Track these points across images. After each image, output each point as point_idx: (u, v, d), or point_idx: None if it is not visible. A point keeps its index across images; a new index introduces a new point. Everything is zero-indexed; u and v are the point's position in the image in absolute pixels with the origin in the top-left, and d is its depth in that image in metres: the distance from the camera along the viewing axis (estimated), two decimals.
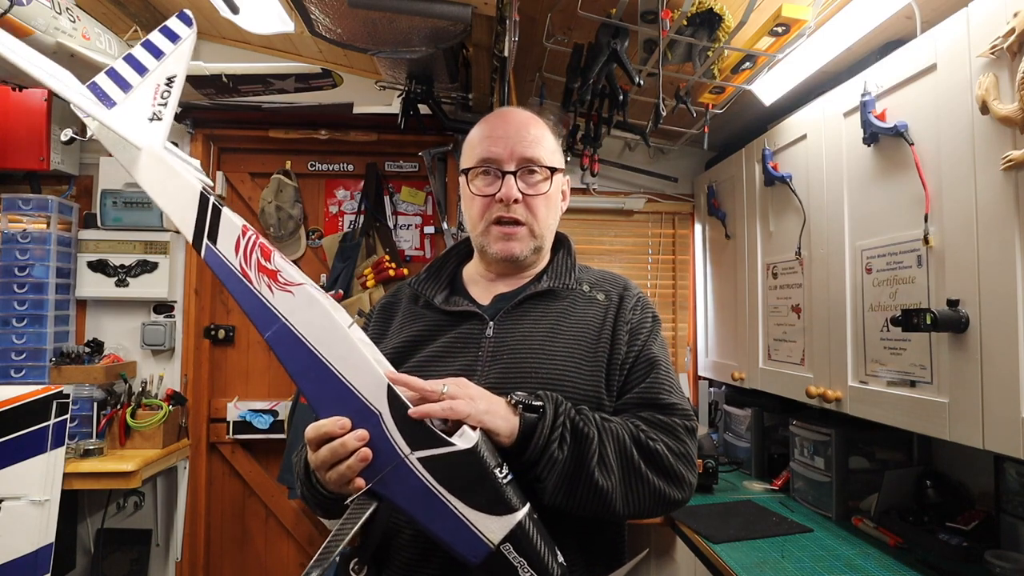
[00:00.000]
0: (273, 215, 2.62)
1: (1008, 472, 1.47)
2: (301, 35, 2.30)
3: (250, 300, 0.81)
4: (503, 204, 0.95)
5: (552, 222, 1.01)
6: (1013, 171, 1.10)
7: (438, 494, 0.72)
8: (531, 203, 0.96)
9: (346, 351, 0.77)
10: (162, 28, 1.00)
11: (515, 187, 0.94)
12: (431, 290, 1.02)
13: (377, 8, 1.55)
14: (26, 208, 2.36)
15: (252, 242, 0.82)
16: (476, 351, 0.92)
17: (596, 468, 0.80)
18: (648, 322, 1.00)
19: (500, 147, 0.95)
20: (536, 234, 0.98)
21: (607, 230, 2.81)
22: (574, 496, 0.80)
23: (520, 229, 0.96)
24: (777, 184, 1.96)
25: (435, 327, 0.97)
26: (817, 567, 1.46)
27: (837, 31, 1.58)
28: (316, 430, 0.76)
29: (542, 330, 0.94)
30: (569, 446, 0.79)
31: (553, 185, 0.98)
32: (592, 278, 1.04)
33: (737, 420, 2.41)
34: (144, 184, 0.88)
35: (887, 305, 1.44)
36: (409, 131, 2.38)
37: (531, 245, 0.97)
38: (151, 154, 0.88)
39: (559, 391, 0.86)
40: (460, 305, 0.98)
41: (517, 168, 0.95)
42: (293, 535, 2.69)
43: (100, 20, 1.88)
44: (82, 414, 2.30)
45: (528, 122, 0.99)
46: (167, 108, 0.95)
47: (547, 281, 0.99)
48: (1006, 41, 1.09)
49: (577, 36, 1.90)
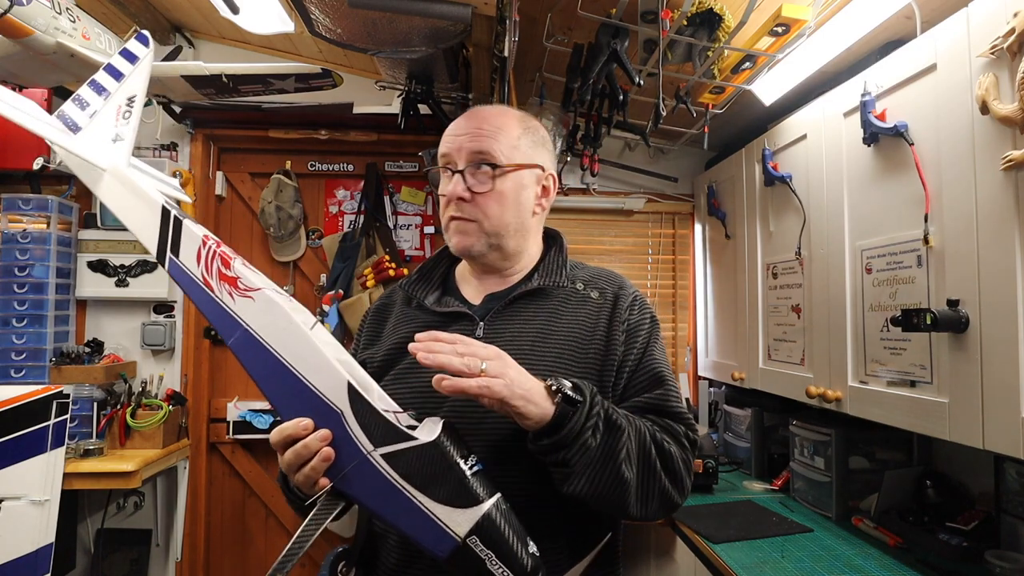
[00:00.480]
0: (273, 215, 2.62)
1: (1008, 472, 1.47)
2: (301, 35, 2.30)
3: (212, 308, 0.82)
4: (454, 203, 0.94)
5: (511, 219, 0.96)
6: (1013, 171, 1.10)
7: (402, 489, 0.72)
8: (479, 201, 0.94)
9: (307, 352, 0.77)
10: (122, 51, 1.03)
11: (460, 185, 0.93)
12: (422, 291, 1.02)
13: (377, 8, 1.55)
14: (26, 208, 2.36)
15: (212, 251, 0.83)
16: None
17: (623, 461, 0.80)
18: (646, 323, 0.98)
19: (453, 144, 0.95)
20: (487, 231, 0.94)
21: (607, 230, 2.81)
22: (597, 485, 0.79)
23: (470, 225, 0.94)
24: (777, 184, 1.96)
25: (426, 328, 0.95)
26: (817, 567, 1.46)
27: (837, 31, 1.58)
28: (280, 433, 0.75)
29: (532, 330, 0.93)
30: (602, 435, 0.79)
31: (505, 183, 0.94)
32: (586, 275, 1.03)
33: (737, 420, 2.41)
34: (108, 203, 0.90)
35: (887, 305, 1.44)
36: (409, 131, 2.38)
37: (485, 242, 0.95)
38: (114, 174, 0.90)
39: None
40: (451, 306, 0.98)
41: (467, 165, 0.93)
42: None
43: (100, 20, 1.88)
44: (82, 414, 2.30)
45: (489, 117, 0.96)
46: (129, 128, 0.97)
47: (538, 279, 0.98)
48: (1006, 41, 1.09)
49: (577, 36, 1.90)
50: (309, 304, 2.73)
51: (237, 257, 0.84)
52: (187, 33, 2.63)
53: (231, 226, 2.78)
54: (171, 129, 2.61)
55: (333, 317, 2.54)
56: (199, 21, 2.54)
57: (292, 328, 0.78)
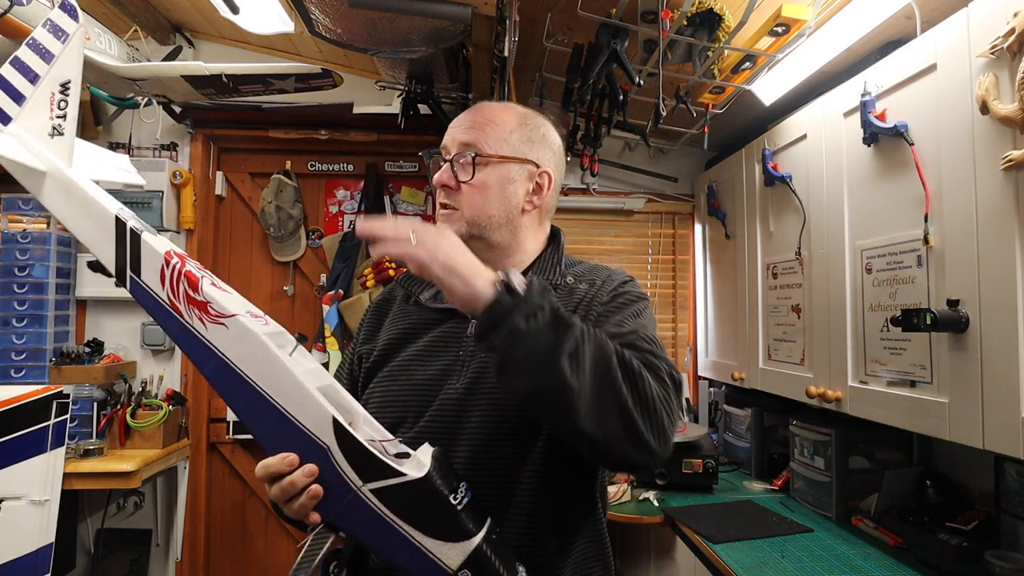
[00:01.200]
0: (273, 215, 2.62)
1: (1008, 472, 1.47)
2: (301, 35, 2.30)
3: (183, 336, 0.75)
4: (441, 191, 0.96)
5: (495, 212, 0.94)
6: (1013, 171, 1.10)
7: (394, 524, 0.71)
8: (462, 190, 0.94)
9: (288, 386, 0.73)
10: (44, 23, 0.86)
11: (446, 172, 0.95)
12: (417, 287, 1.02)
13: (377, 8, 1.55)
14: (26, 208, 2.36)
15: (177, 271, 0.76)
16: (456, 350, 0.91)
17: (567, 359, 0.70)
18: (621, 300, 0.93)
19: (448, 135, 0.97)
20: (467, 219, 0.94)
21: (607, 230, 2.81)
22: (532, 380, 0.71)
23: (453, 213, 0.95)
24: (777, 184, 1.96)
25: (420, 325, 0.97)
26: (817, 567, 1.46)
27: (837, 31, 1.58)
28: (264, 469, 0.74)
29: None
30: (541, 324, 0.70)
31: (491, 173, 0.94)
32: (581, 271, 1.01)
33: (737, 420, 2.41)
34: (54, 211, 0.80)
35: (887, 305, 1.44)
36: (409, 131, 2.37)
37: (464, 230, 0.94)
38: (56, 177, 0.79)
39: None
40: (443, 303, 0.97)
41: (455, 154, 0.95)
42: (293, 535, 2.68)
43: (100, 20, 1.88)
44: (82, 414, 2.30)
45: (484, 110, 0.98)
46: (67, 120, 0.84)
47: (532, 276, 0.95)
48: (1006, 41, 1.09)
49: (577, 36, 1.89)
50: (309, 304, 2.74)
51: (206, 275, 0.77)
52: (187, 33, 2.63)
53: (231, 226, 2.78)
54: (171, 129, 2.61)
55: (333, 317, 2.54)
56: (199, 21, 2.54)
57: (271, 360, 0.73)
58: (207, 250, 2.70)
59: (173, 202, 2.55)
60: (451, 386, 0.88)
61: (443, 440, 0.85)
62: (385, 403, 0.92)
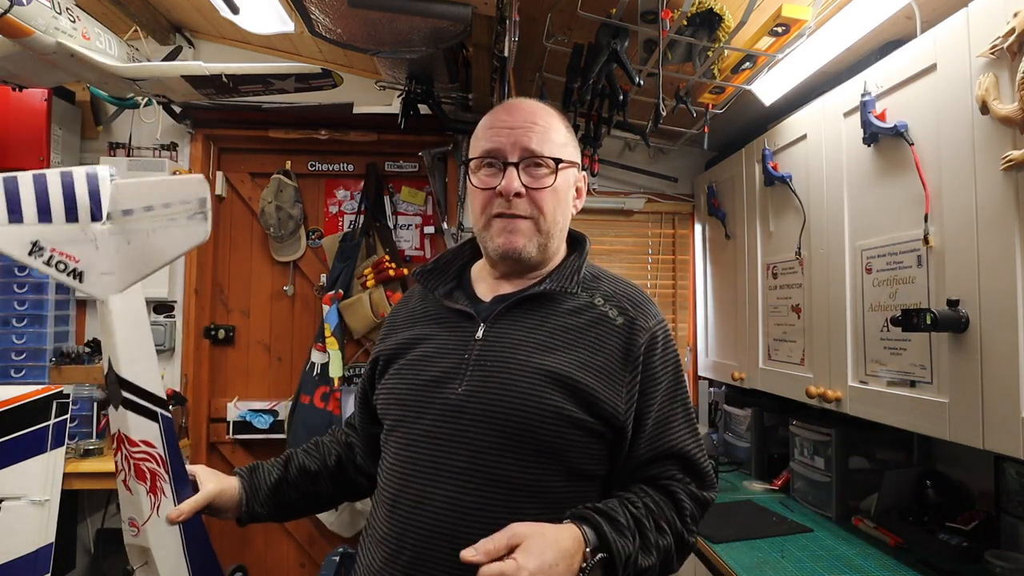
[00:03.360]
0: (273, 215, 2.62)
1: (1008, 472, 1.47)
2: (301, 35, 2.30)
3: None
4: (504, 198, 0.88)
5: (561, 219, 0.93)
6: (1013, 171, 1.10)
7: None
8: (536, 197, 0.89)
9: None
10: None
11: (516, 180, 0.88)
12: (434, 281, 1.00)
13: (377, 8, 1.55)
14: None
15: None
16: (463, 354, 0.89)
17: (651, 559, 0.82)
18: (669, 373, 0.92)
19: (504, 137, 0.90)
20: (542, 230, 0.90)
21: (607, 230, 2.81)
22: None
23: (523, 223, 0.89)
24: (777, 184, 1.96)
25: (433, 326, 0.96)
26: (817, 567, 1.46)
27: (837, 31, 1.58)
28: None
29: (532, 340, 0.88)
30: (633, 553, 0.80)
31: (560, 179, 0.91)
32: (609, 289, 0.95)
33: (737, 420, 2.41)
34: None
35: (887, 305, 1.44)
36: (409, 131, 2.37)
37: (536, 242, 0.90)
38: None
39: (533, 409, 0.83)
40: (458, 302, 0.95)
41: (520, 160, 0.89)
42: (293, 535, 2.69)
43: (100, 20, 1.88)
44: (82, 414, 2.30)
45: (536, 112, 0.93)
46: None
47: (548, 283, 0.92)
48: (1006, 41, 1.09)
49: (577, 36, 1.90)
50: (309, 304, 2.74)
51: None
52: (187, 33, 2.63)
53: (231, 226, 2.78)
54: (171, 129, 2.61)
55: (333, 317, 2.54)
56: (199, 21, 2.54)
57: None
58: (207, 250, 2.69)
59: None
60: (452, 390, 0.87)
61: (442, 444, 0.85)
62: (391, 401, 0.93)
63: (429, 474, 0.85)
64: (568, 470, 0.86)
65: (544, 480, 0.84)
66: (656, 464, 0.90)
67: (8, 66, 1.79)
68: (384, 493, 0.90)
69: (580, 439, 0.85)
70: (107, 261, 0.84)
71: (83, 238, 0.84)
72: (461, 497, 0.82)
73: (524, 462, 0.84)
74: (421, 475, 0.85)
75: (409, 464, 0.87)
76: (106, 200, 0.85)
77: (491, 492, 0.83)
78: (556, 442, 0.84)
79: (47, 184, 0.83)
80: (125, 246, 0.85)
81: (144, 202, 0.87)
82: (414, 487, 0.85)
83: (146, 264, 0.87)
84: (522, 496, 0.83)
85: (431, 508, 0.83)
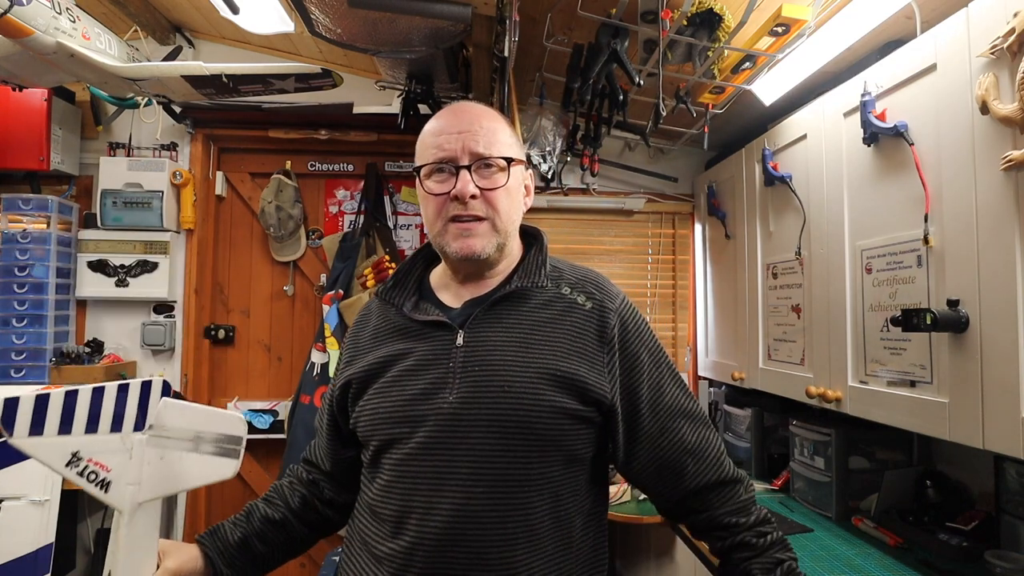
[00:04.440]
0: (273, 215, 2.62)
1: (1008, 472, 1.47)
2: (301, 35, 2.30)
3: None
4: (459, 202, 0.89)
5: (516, 216, 0.95)
6: (1013, 171, 1.10)
7: None
8: (490, 197, 0.90)
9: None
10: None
11: (471, 182, 0.89)
12: (399, 298, 0.98)
13: (377, 8, 1.55)
14: (26, 208, 2.36)
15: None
16: (447, 363, 0.89)
17: None
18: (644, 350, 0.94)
19: (453, 143, 0.90)
20: (499, 229, 0.92)
21: (607, 230, 2.81)
22: None
23: (480, 225, 0.90)
24: (777, 184, 1.96)
25: (406, 340, 0.94)
26: (817, 567, 1.46)
27: (837, 31, 1.58)
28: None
29: (516, 338, 0.90)
30: None
31: (512, 177, 0.93)
32: (573, 278, 0.98)
33: (737, 420, 2.41)
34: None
35: (887, 305, 1.44)
36: (409, 131, 2.36)
37: (495, 242, 0.92)
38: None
39: (531, 406, 0.85)
40: (429, 313, 0.94)
41: (471, 163, 0.90)
42: None
43: (100, 20, 1.88)
44: None
45: (480, 115, 0.94)
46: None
47: (518, 280, 0.94)
48: (1006, 41, 1.09)
49: (577, 36, 1.90)
50: (309, 304, 2.74)
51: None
52: (187, 33, 2.63)
53: (231, 226, 2.78)
54: (171, 129, 2.61)
55: (333, 317, 2.54)
56: (199, 21, 2.54)
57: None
58: (207, 250, 2.70)
59: (173, 202, 2.55)
60: (443, 399, 0.87)
61: (443, 455, 0.85)
62: (377, 421, 0.91)
63: (433, 485, 0.84)
64: (565, 457, 0.88)
65: (546, 472, 0.86)
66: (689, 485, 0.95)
67: (8, 66, 1.79)
68: (382, 511, 0.88)
69: (575, 427, 0.88)
70: (136, 472, 0.82)
71: (120, 448, 0.82)
72: (469, 502, 0.83)
73: (527, 458, 0.85)
74: (425, 487, 0.85)
75: (409, 479, 0.86)
76: (153, 412, 0.84)
77: (499, 492, 0.83)
78: (554, 433, 0.86)
79: (103, 397, 0.82)
80: (157, 461, 0.83)
81: (185, 424, 0.86)
82: (418, 500, 0.85)
83: (170, 485, 0.84)
84: (528, 490, 0.84)
85: (439, 517, 0.83)
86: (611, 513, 1.96)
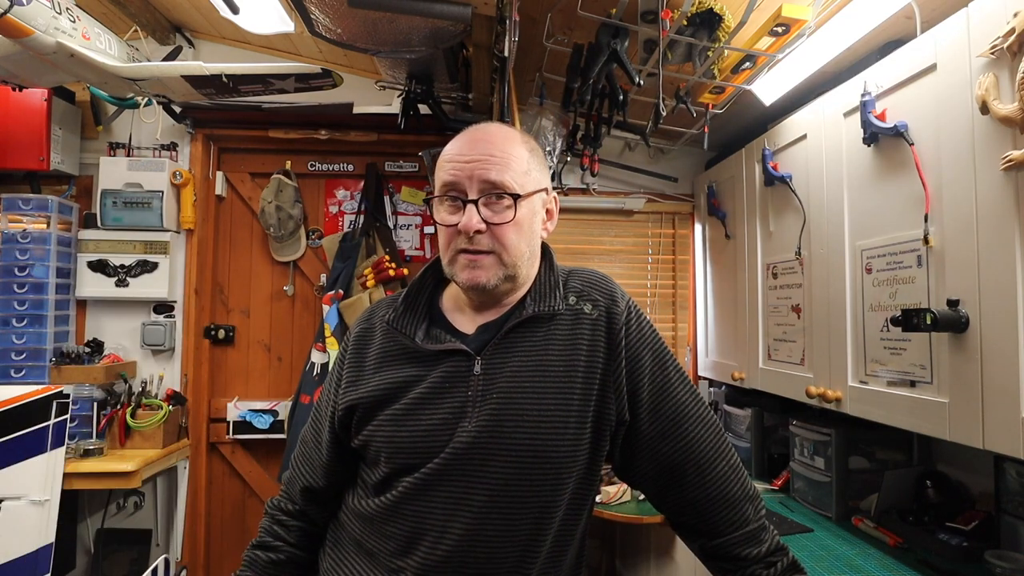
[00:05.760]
0: (273, 215, 2.62)
1: (1008, 472, 1.47)
2: (301, 35, 2.30)
3: None
4: (465, 235, 0.87)
5: (526, 248, 0.91)
6: (1013, 171, 1.10)
7: None
8: (497, 232, 0.87)
9: None
10: None
11: (476, 216, 0.86)
12: (411, 326, 0.94)
13: (377, 8, 1.55)
14: (26, 208, 2.36)
15: None
16: (465, 391, 0.87)
17: None
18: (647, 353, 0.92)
19: (461, 172, 0.88)
20: (505, 263, 0.89)
21: (607, 230, 2.81)
22: None
23: (486, 258, 0.88)
24: (777, 184, 1.96)
25: (417, 366, 0.91)
26: (817, 567, 1.46)
27: (837, 31, 1.58)
28: None
29: (531, 365, 0.88)
30: None
31: (522, 211, 0.89)
32: (578, 285, 0.96)
33: (737, 420, 2.41)
34: None
35: (887, 305, 1.44)
36: (409, 131, 2.38)
37: (500, 274, 0.89)
38: None
39: (549, 435, 0.85)
40: (443, 342, 0.91)
41: (480, 195, 0.87)
42: None
43: (100, 20, 1.88)
44: (82, 414, 2.30)
45: (496, 141, 0.90)
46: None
47: (531, 306, 0.91)
48: (1006, 41, 1.09)
49: (577, 36, 1.89)
50: (309, 304, 2.74)
51: None
52: (187, 33, 2.63)
53: (231, 226, 2.78)
54: (171, 129, 2.61)
55: (333, 317, 2.54)
56: (199, 21, 2.54)
57: None
58: (207, 250, 2.70)
59: (173, 202, 2.55)
60: (463, 428, 0.85)
61: (459, 482, 0.84)
62: (393, 449, 0.89)
63: (449, 511, 0.84)
64: (577, 480, 0.89)
65: (557, 498, 0.86)
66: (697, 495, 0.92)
67: (8, 66, 1.79)
68: (390, 528, 0.88)
69: (591, 454, 0.89)
70: None
71: None
72: (483, 528, 0.83)
73: (543, 486, 0.85)
74: (440, 512, 0.85)
75: (423, 502, 0.86)
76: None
77: (514, 519, 0.84)
78: (570, 462, 0.86)
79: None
80: None
81: None
82: (432, 523, 0.85)
83: None
84: (541, 515, 0.85)
85: (451, 541, 0.83)
86: (611, 513, 1.96)
